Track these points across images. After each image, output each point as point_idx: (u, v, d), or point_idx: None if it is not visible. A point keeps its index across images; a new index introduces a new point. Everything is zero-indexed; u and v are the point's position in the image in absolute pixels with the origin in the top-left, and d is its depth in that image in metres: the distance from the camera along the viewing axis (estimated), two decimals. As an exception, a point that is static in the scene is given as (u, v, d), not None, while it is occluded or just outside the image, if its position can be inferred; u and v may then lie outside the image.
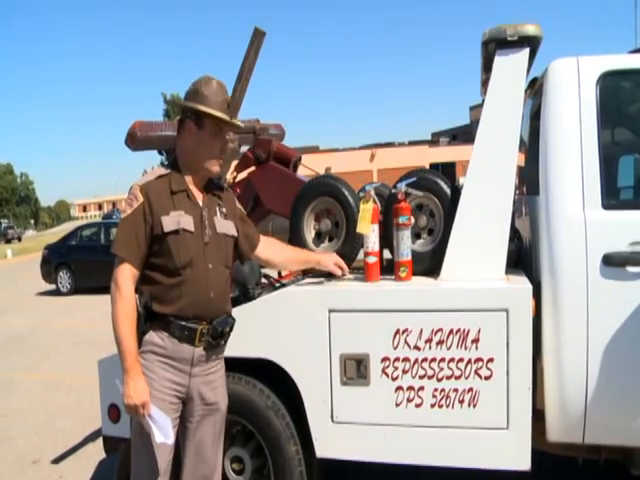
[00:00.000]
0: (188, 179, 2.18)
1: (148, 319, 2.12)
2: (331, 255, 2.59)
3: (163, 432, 2.02)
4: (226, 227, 2.24)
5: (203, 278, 2.12)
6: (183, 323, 2.10)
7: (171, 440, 2.06)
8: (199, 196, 2.20)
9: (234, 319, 2.26)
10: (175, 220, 2.09)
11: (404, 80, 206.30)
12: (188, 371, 2.15)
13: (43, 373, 6.69)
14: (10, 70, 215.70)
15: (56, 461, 4.17)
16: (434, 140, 39.62)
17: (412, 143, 37.85)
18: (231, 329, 2.24)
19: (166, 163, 2.26)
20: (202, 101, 2.12)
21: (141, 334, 2.12)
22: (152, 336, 2.12)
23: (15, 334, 9.12)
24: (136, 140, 3.10)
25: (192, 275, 2.10)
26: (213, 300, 2.14)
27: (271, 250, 2.48)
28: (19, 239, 51.72)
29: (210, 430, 2.24)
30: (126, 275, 2.06)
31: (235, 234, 2.28)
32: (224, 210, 2.26)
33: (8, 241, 49.67)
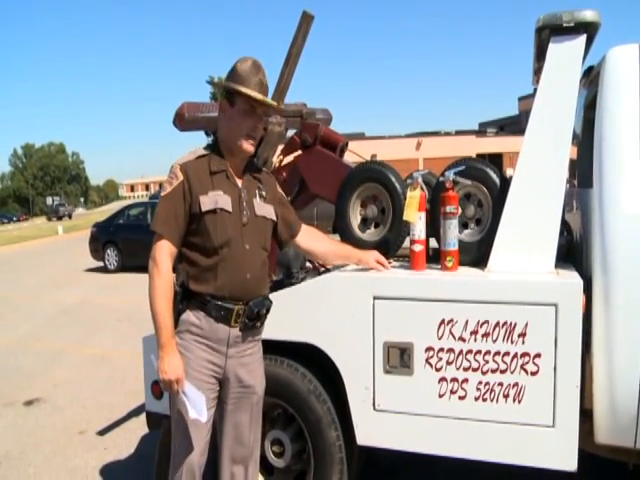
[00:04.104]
0: (228, 160, 2.18)
1: (185, 298, 2.14)
2: (372, 252, 2.56)
3: (197, 409, 2.04)
4: (265, 210, 2.23)
5: (240, 259, 2.13)
6: (219, 303, 2.11)
7: (204, 418, 2.07)
8: (239, 177, 2.20)
9: (271, 301, 2.26)
10: (213, 200, 2.10)
11: (452, 68, 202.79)
12: (224, 352, 2.16)
13: (90, 347, 6.91)
14: (66, 53, 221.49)
15: (101, 433, 4.31)
16: (481, 130, 38.69)
17: (459, 133, 37.17)
18: (267, 311, 2.24)
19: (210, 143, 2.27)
20: (235, 79, 2.12)
21: (177, 313, 2.14)
22: (189, 315, 2.14)
23: (64, 308, 9.46)
24: (184, 121, 3.17)
25: (229, 255, 2.11)
26: (249, 281, 2.14)
27: (312, 240, 2.46)
28: (69, 216, 53.45)
29: (247, 412, 2.25)
30: (164, 252, 2.09)
31: (274, 218, 2.28)
32: (264, 193, 2.25)
33: (59, 218, 51.46)
